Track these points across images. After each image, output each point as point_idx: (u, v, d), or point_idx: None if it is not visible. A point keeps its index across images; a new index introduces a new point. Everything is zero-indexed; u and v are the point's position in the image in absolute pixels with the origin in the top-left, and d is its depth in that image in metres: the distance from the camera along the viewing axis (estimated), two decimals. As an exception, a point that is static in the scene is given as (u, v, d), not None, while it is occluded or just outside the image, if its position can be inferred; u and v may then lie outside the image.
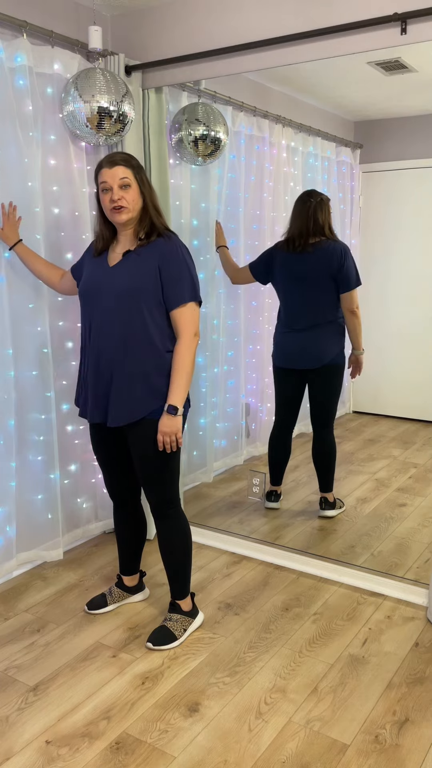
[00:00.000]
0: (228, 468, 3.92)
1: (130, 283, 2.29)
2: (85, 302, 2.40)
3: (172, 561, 2.50)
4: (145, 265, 2.30)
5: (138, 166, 2.35)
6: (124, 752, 1.97)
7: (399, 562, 2.99)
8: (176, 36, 2.96)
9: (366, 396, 3.75)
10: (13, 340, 2.83)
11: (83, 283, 2.41)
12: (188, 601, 2.57)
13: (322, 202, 3.11)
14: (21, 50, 2.65)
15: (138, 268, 2.30)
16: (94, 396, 2.41)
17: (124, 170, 2.30)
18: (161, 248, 2.31)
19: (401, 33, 2.44)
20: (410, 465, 3.75)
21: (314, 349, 3.22)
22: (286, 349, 3.29)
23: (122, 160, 2.32)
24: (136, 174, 2.33)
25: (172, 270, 2.29)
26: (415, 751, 1.97)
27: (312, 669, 2.34)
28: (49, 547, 3.04)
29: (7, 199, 2.72)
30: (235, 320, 3.73)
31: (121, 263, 2.34)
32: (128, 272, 2.31)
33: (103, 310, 2.34)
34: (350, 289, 3.12)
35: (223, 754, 1.96)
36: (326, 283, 3.14)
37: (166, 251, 2.30)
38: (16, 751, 1.98)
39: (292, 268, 3.18)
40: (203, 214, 3.53)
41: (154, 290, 2.30)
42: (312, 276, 3.15)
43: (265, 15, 2.72)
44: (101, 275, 2.37)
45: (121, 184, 2.29)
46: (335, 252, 3.10)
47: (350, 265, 3.12)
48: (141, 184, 2.33)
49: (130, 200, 2.30)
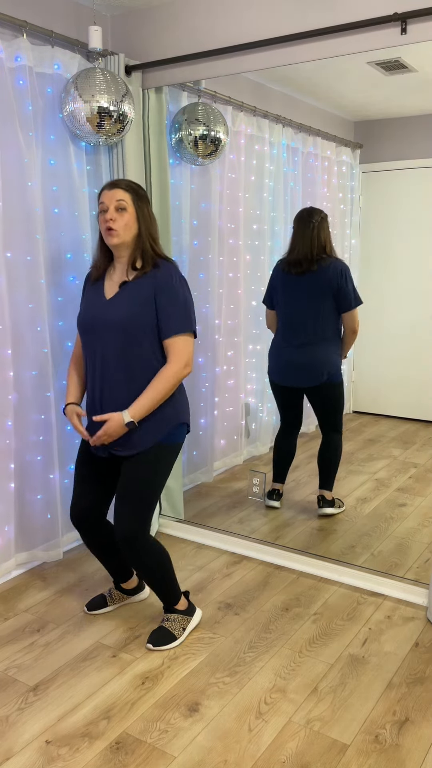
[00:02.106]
0: (228, 468, 3.91)
1: (128, 317, 2.27)
2: (84, 334, 2.38)
3: (151, 580, 2.45)
4: (141, 297, 2.28)
5: (140, 194, 2.33)
6: (124, 752, 1.97)
7: (399, 562, 2.99)
8: (176, 36, 2.96)
9: (366, 396, 3.75)
10: (13, 340, 2.83)
11: (81, 315, 2.39)
12: (183, 601, 2.57)
13: (323, 221, 3.14)
14: (21, 50, 2.65)
15: (134, 300, 2.28)
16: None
17: (123, 193, 2.29)
18: (158, 278, 2.29)
19: (401, 33, 2.44)
20: (410, 465, 3.75)
21: (311, 367, 3.24)
22: (282, 366, 3.31)
23: (124, 184, 2.31)
24: (135, 200, 2.31)
25: (164, 300, 2.27)
26: (415, 751, 1.97)
27: (312, 669, 2.34)
28: (48, 547, 3.04)
29: (7, 198, 2.72)
30: (235, 320, 3.73)
31: (118, 295, 2.32)
32: (125, 305, 2.29)
33: (104, 343, 2.32)
34: (350, 308, 3.15)
35: (223, 754, 1.96)
36: (327, 301, 3.17)
37: (160, 281, 2.28)
38: (16, 751, 1.98)
39: (295, 287, 3.21)
40: (203, 214, 3.53)
41: (151, 321, 2.29)
42: (312, 294, 3.18)
43: (265, 15, 2.72)
44: (99, 308, 2.35)
45: (117, 206, 2.28)
46: (335, 271, 3.13)
47: (349, 285, 3.14)
48: (138, 210, 2.31)
49: (122, 224, 2.28)
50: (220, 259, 3.63)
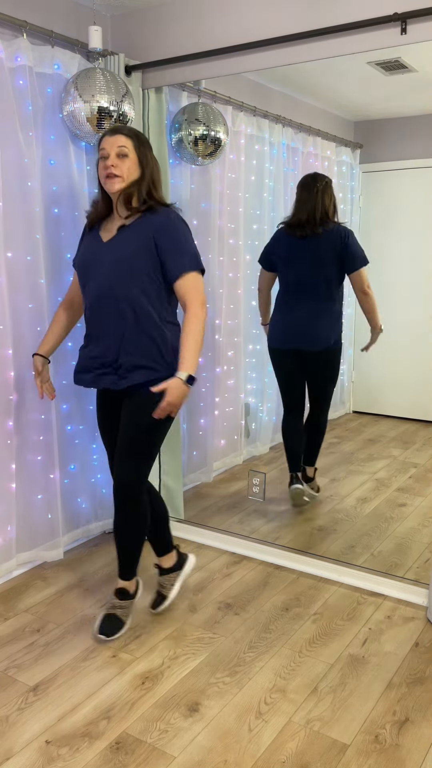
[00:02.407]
0: (228, 468, 3.91)
1: (123, 258, 2.27)
2: (81, 276, 2.40)
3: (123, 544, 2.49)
4: (138, 239, 2.27)
5: (142, 140, 2.31)
6: (124, 752, 1.97)
7: (399, 562, 2.98)
8: (176, 36, 2.96)
9: (366, 396, 3.74)
10: (13, 340, 2.83)
11: (79, 257, 2.42)
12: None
13: (327, 185, 3.12)
14: (21, 50, 2.65)
15: (130, 242, 2.28)
16: (101, 365, 2.39)
17: (125, 139, 2.28)
18: (154, 221, 2.27)
19: (401, 33, 2.44)
20: (410, 465, 3.75)
21: (316, 331, 3.23)
22: (287, 331, 3.28)
23: (126, 130, 2.29)
24: (136, 145, 2.29)
25: (167, 241, 2.26)
26: (415, 751, 1.97)
27: (312, 669, 2.34)
28: (49, 547, 3.04)
29: (7, 198, 2.72)
30: (235, 320, 3.73)
31: (115, 238, 2.33)
32: (121, 247, 2.29)
33: (100, 284, 2.33)
34: (357, 267, 3.12)
35: (223, 754, 1.96)
36: (331, 266, 3.15)
37: (160, 223, 2.27)
38: (16, 751, 1.98)
39: (299, 252, 3.19)
40: (203, 214, 3.53)
41: (147, 264, 2.27)
42: (317, 259, 3.16)
43: (265, 15, 2.72)
44: (95, 250, 2.36)
45: (118, 153, 2.27)
46: (340, 234, 3.12)
47: (355, 243, 3.12)
48: (141, 156, 2.30)
49: (124, 169, 2.27)
50: (220, 259, 3.63)
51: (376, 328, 3.23)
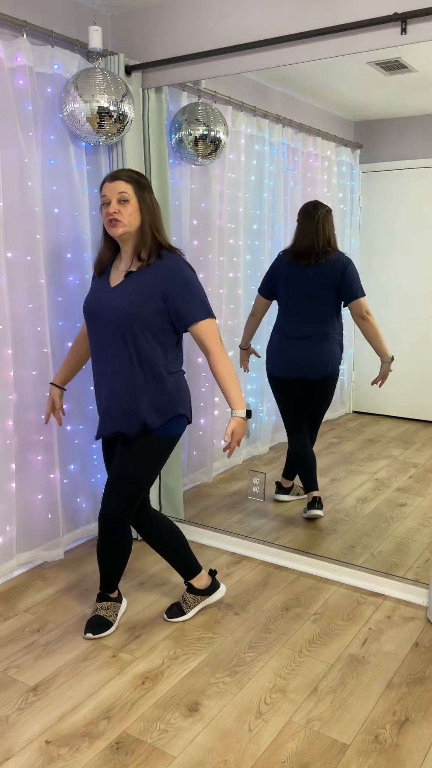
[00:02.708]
0: (228, 468, 3.91)
1: (131, 306, 2.30)
2: (88, 321, 2.42)
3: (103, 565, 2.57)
4: (147, 289, 2.30)
5: (142, 184, 2.33)
6: (124, 752, 1.97)
7: (399, 562, 2.99)
8: (176, 36, 2.96)
9: (366, 396, 3.74)
10: (13, 340, 2.83)
11: (87, 302, 2.44)
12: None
13: (327, 213, 3.13)
14: (21, 50, 2.65)
15: (138, 291, 2.30)
16: (105, 412, 2.43)
17: (125, 185, 2.31)
18: (163, 270, 2.30)
19: (401, 33, 2.44)
20: (410, 465, 3.75)
21: (322, 359, 3.24)
22: (290, 360, 3.27)
23: (125, 176, 2.32)
24: (137, 191, 2.32)
25: (179, 292, 2.29)
26: (415, 751, 1.97)
27: (312, 669, 2.34)
28: (49, 547, 3.04)
29: (7, 198, 2.72)
30: (235, 320, 3.73)
31: (123, 284, 2.35)
32: (128, 294, 2.32)
33: (106, 330, 2.35)
34: (356, 297, 3.14)
35: (223, 754, 1.96)
36: (331, 295, 3.17)
37: (170, 274, 2.30)
38: (16, 751, 1.98)
39: (301, 281, 3.19)
40: (203, 214, 3.53)
41: (154, 314, 2.30)
42: (319, 288, 3.17)
43: (265, 15, 2.72)
44: (103, 295, 2.38)
45: (119, 199, 2.30)
46: (341, 264, 3.13)
47: (353, 273, 3.14)
48: (141, 201, 2.32)
49: (126, 215, 2.30)
50: (220, 259, 3.63)
51: (383, 356, 3.16)
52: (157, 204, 2.39)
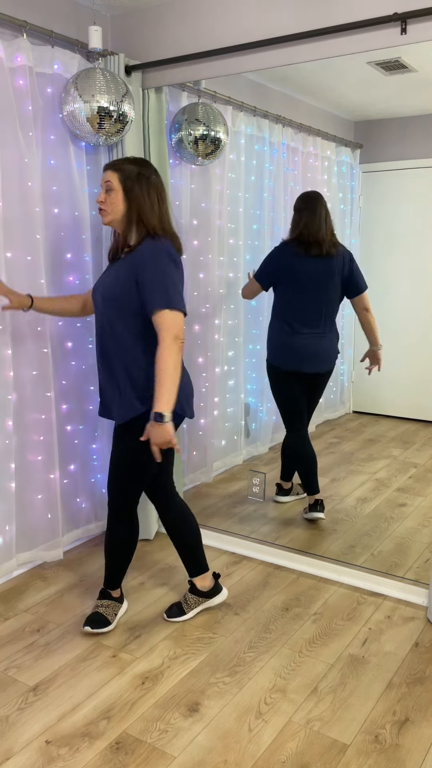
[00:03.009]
0: (228, 468, 3.91)
1: (111, 289, 2.33)
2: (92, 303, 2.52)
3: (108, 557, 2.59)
4: (123, 273, 2.30)
5: (130, 173, 2.31)
6: (124, 752, 1.97)
7: (399, 562, 2.99)
8: (176, 36, 2.96)
9: (366, 396, 3.75)
10: (13, 340, 2.83)
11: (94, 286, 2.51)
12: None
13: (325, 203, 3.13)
14: (21, 50, 2.65)
15: (118, 275, 2.32)
16: (101, 392, 2.50)
17: (111, 174, 2.33)
18: (137, 256, 2.28)
19: (401, 33, 2.44)
20: (410, 465, 3.75)
21: (329, 352, 3.24)
22: (302, 353, 3.21)
23: (113, 164, 2.35)
24: (122, 179, 2.31)
25: (144, 279, 2.25)
26: (415, 751, 1.97)
27: (312, 669, 2.34)
28: (49, 547, 3.04)
29: (7, 198, 2.72)
30: (235, 320, 3.74)
31: (108, 269, 2.41)
32: (110, 279, 2.35)
33: (99, 312, 2.41)
34: (362, 290, 3.15)
35: (223, 754, 1.96)
36: (339, 287, 3.16)
37: (140, 259, 2.26)
38: (16, 751, 1.98)
39: (310, 272, 3.12)
40: (203, 214, 3.53)
41: (130, 297, 2.29)
42: (330, 279, 3.15)
43: (265, 15, 2.72)
44: (100, 281, 2.43)
45: (105, 188, 2.34)
46: (345, 257, 3.13)
47: (358, 267, 3.16)
48: (127, 189, 2.31)
49: (109, 204, 2.33)
50: (220, 259, 3.63)
51: (376, 343, 3.24)
52: (153, 193, 2.33)
